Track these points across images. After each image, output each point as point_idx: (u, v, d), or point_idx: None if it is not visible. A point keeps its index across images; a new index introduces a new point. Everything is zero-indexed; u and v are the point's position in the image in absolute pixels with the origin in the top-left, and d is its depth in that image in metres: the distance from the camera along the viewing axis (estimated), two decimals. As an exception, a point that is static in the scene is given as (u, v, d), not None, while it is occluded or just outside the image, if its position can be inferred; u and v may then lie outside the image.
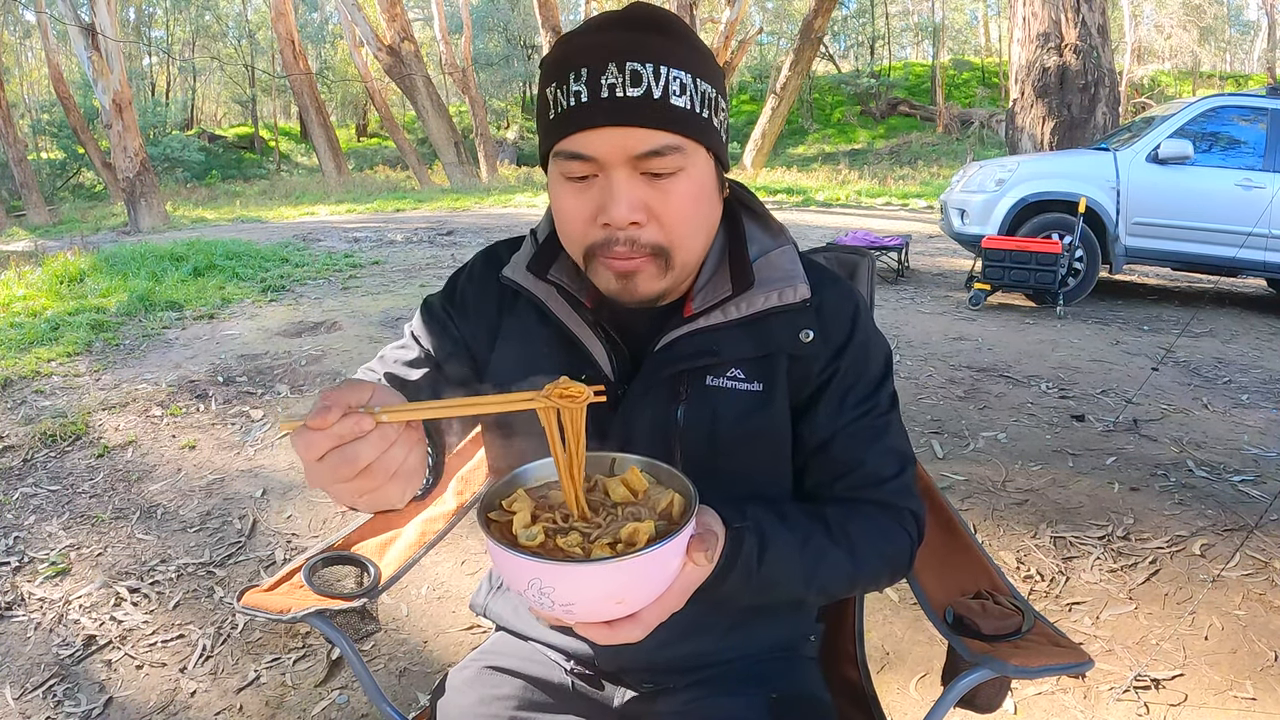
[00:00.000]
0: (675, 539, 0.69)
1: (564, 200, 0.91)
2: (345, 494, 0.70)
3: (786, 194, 14.60)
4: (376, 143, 32.94)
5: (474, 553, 2.75)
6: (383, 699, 1.15)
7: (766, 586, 0.87)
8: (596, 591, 0.68)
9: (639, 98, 0.84)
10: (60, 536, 2.93)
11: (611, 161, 0.86)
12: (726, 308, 0.96)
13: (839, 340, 0.98)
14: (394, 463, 0.70)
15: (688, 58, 0.87)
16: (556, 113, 0.87)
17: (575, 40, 0.88)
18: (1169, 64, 29.45)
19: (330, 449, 0.67)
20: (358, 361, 4.63)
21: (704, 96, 0.88)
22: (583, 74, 0.84)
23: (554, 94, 0.87)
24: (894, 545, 0.96)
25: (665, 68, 0.84)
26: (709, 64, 0.90)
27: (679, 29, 0.89)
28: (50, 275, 7.10)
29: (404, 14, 19.18)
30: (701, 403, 0.97)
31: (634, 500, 0.78)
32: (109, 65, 12.34)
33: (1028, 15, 9.96)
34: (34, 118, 27.74)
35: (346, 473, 0.67)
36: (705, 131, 0.89)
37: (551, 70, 0.88)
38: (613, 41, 0.85)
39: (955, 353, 4.99)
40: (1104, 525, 2.87)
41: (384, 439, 0.68)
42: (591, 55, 0.85)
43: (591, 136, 0.85)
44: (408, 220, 11.91)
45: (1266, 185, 6.25)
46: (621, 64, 0.83)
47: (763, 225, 1.03)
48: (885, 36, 35.11)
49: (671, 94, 0.85)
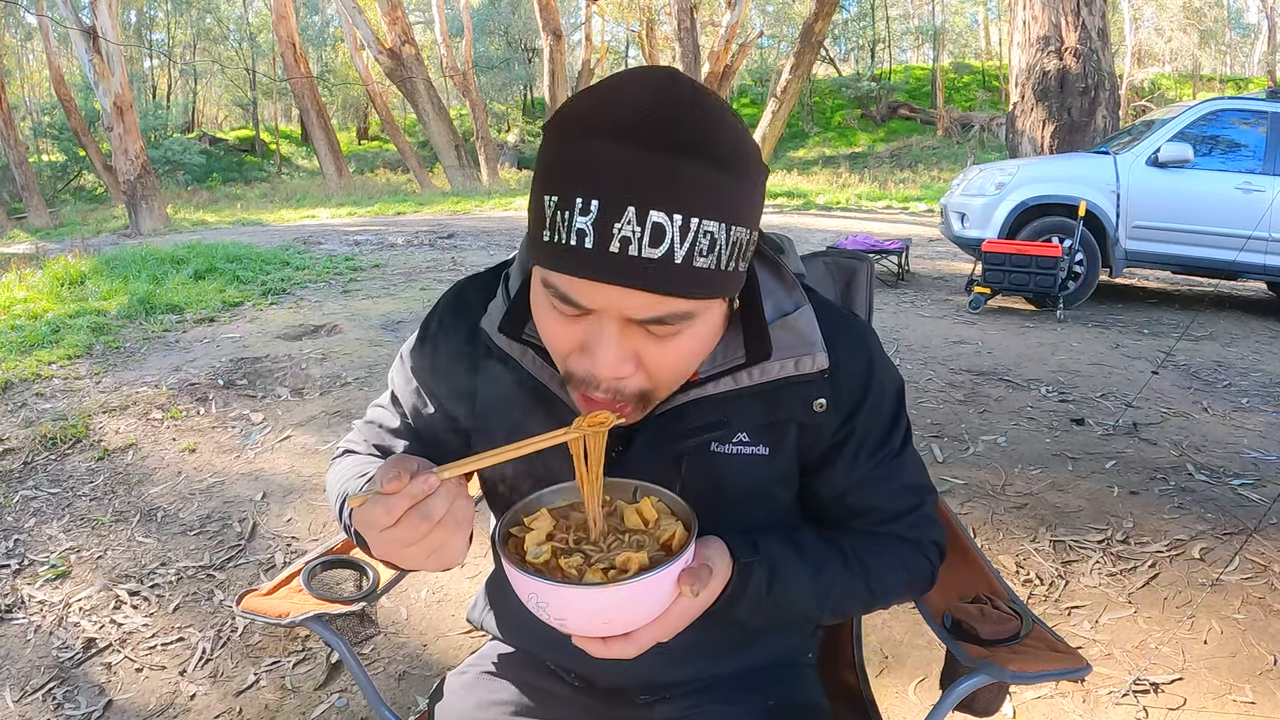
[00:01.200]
0: (662, 571, 0.73)
1: (547, 323, 0.80)
2: (418, 554, 0.72)
3: (787, 197, 14.62)
4: (377, 146, 32.99)
5: (473, 556, 2.75)
6: (381, 703, 1.16)
7: (778, 612, 0.88)
8: (584, 611, 0.74)
9: (657, 260, 0.68)
10: (60, 539, 2.93)
11: (608, 313, 0.74)
12: (739, 375, 0.89)
13: (853, 402, 0.93)
14: (461, 513, 0.73)
15: (729, 196, 0.70)
16: (551, 239, 0.71)
17: (591, 142, 0.69)
18: (1169, 67, 29.50)
19: (406, 510, 0.69)
20: (358, 365, 4.64)
21: (735, 247, 0.73)
22: (591, 208, 0.68)
23: (551, 212, 0.70)
24: (911, 572, 0.97)
25: (696, 220, 0.68)
26: (750, 196, 0.74)
27: (727, 147, 0.70)
28: (51, 278, 7.11)
29: (405, 17, 19.21)
30: (705, 468, 0.92)
31: (643, 529, 0.82)
32: (110, 68, 12.35)
33: (1028, 19, 9.97)
34: (35, 120, 27.78)
35: (424, 529, 0.70)
36: (729, 285, 0.76)
37: (553, 173, 0.71)
38: (636, 169, 0.67)
39: (955, 356, 4.99)
40: (1103, 529, 2.87)
41: (449, 493, 0.71)
42: (607, 183, 0.68)
43: (589, 287, 0.71)
44: (408, 223, 11.92)
45: (1266, 189, 6.25)
46: (643, 212, 0.67)
47: (777, 276, 0.93)
48: (885, 40, 35.16)
49: (697, 254, 0.70)
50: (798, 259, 1.04)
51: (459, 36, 25.03)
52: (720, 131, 0.70)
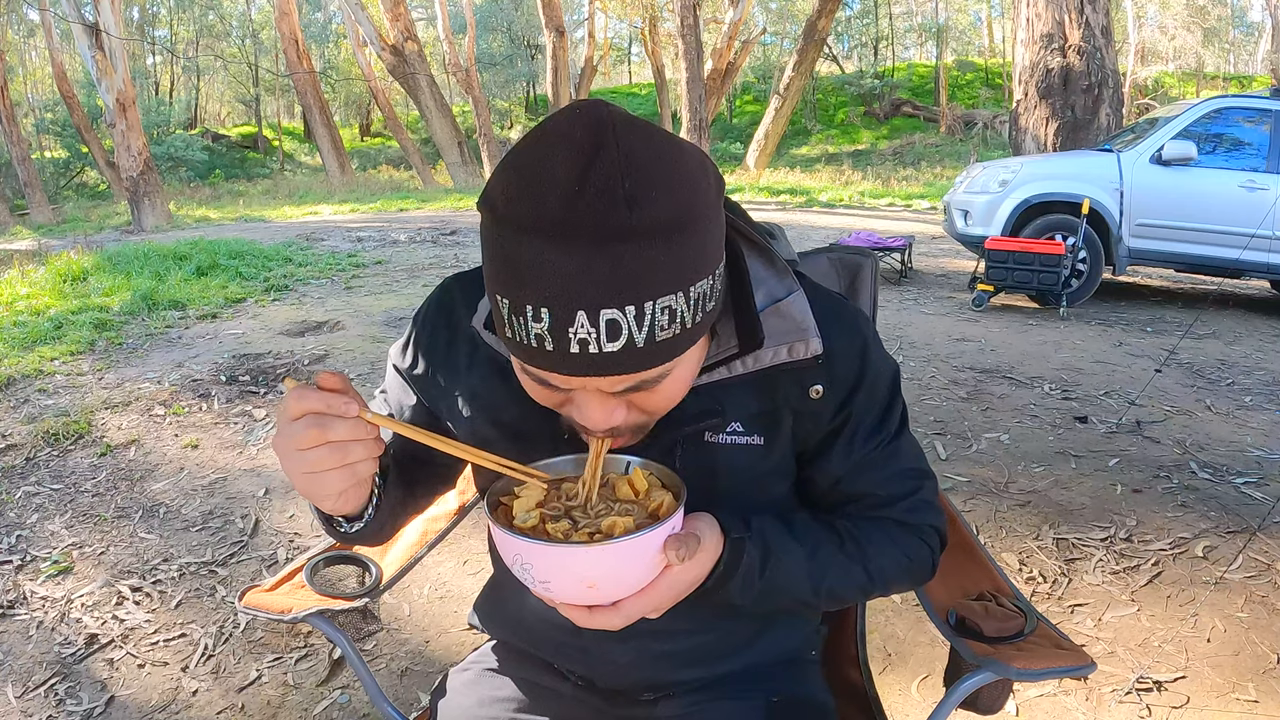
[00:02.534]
0: (646, 534, 0.73)
1: (529, 388, 0.80)
2: (296, 464, 0.74)
3: (790, 194, 14.61)
4: (380, 142, 33.00)
5: (476, 553, 2.75)
6: (384, 699, 1.16)
7: (771, 593, 0.87)
8: (568, 573, 0.74)
9: (618, 352, 0.67)
10: (62, 535, 2.93)
11: (585, 390, 0.74)
12: (732, 364, 0.88)
13: (848, 387, 0.91)
14: (351, 455, 0.74)
15: (677, 261, 0.67)
16: (513, 338, 0.69)
17: (527, 247, 0.65)
18: (1173, 65, 29.43)
19: (313, 412, 0.72)
20: (361, 361, 4.64)
21: (699, 301, 0.70)
22: (543, 316, 0.65)
23: (507, 314, 0.68)
24: (910, 556, 0.96)
25: (650, 303, 0.66)
26: (702, 237, 0.69)
27: (665, 211, 0.65)
28: (54, 274, 7.12)
29: (407, 14, 19.21)
30: (699, 459, 0.91)
31: (633, 499, 0.82)
32: (113, 64, 12.36)
33: (1031, 16, 9.95)
34: (38, 116, 27.83)
35: (314, 439, 0.72)
36: (700, 331, 0.73)
37: (499, 274, 0.68)
38: (580, 276, 0.64)
39: (958, 354, 4.98)
40: (1106, 527, 2.87)
41: (356, 430, 0.73)
42: (551, 291, 0.64)
43: (559, 378, 0.72)
44: (411, 220, 11.92)
45: (1270, 187, 6.23)
46: (594, 315, 0.64)
47: (767, 262, 0.91)
48: (889, 37, 35.11)
49: (658, 330, 0.67)
50: (789, 246, 1.02)
51: (462, 33, 24.98)
52: (659, 195, 0.65)
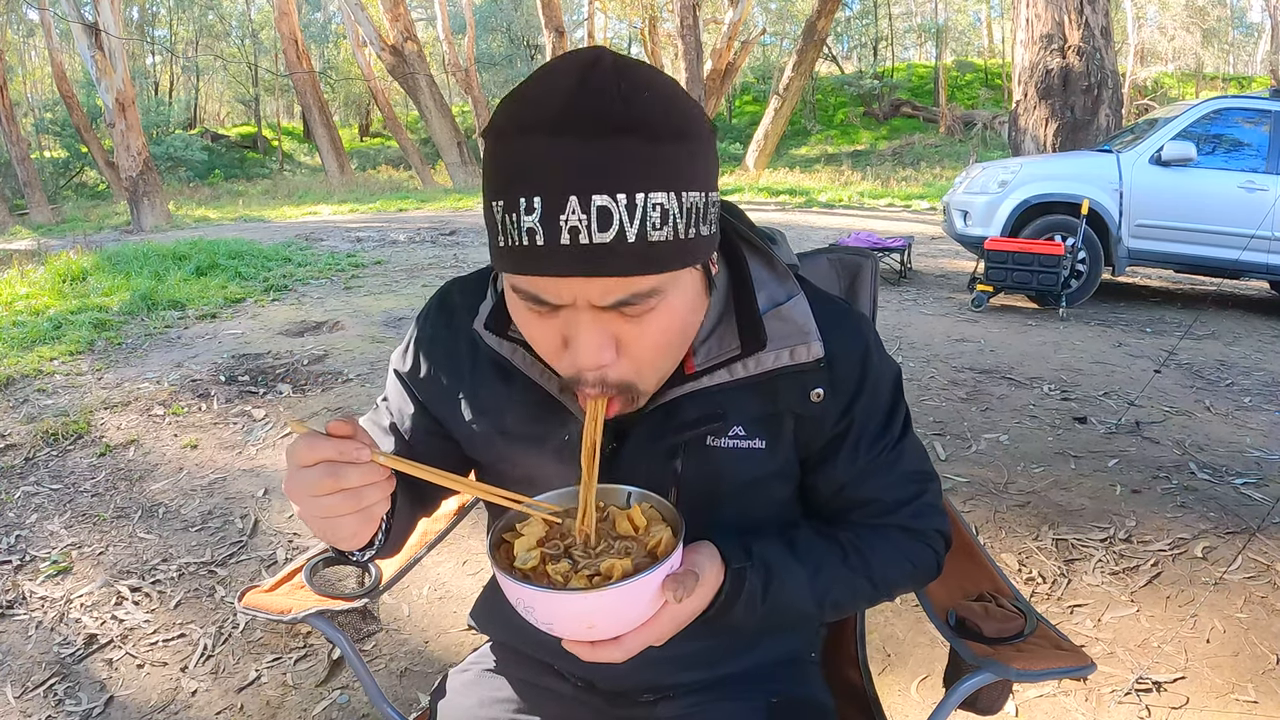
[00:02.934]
0: (644, 577, 0.74)
1: (528, 327, 0.80)
2: (312, 509, 0.73)
3: (789, 195, 14.61)
4: (379, 142, 32.98)
5: (475, 553, 2.75)
6: (383, 700, 1.15)
7: (776, 614, 0.88)
8: (568, 616, 0.75)
9: (609, 244, 0.67)
10: (62, 535, 2.93)
11: (576, 306, 0.73)
12: (734, 367, 0.88)
13: (850, 391, 0.91)
14: (366, 500, 0.74)
15: (671, 165, 0.69)
16: (507, 244, 0.70)
17: (524, 140, 0.68)
18: (1172, 66, 29.43)
19: (325, 460, 0.71)
20: (360, 361, 4.64)
21: (690, 212, 0.71)
22: (535, 205, 0.67)
23: (501, 217, 0.70)
24: (918, 565, 0.96)
25: (642, 195, 0.67)
26: (696, 155, 0.72)
27: (660, 116, 0.69)
28: (53, 274, 7.12)
29: (407, 14, 19.20)
30: (701, 463, 0.90)
31: (633, 535, 0.82)
32: (112, 64, 12.36)
33: (1030, 17, 9.95)
34: (37, 116, 27.80)
35: (328, 487, 0.71)
36: (693, 253, 0.74)
37: (495, 179, 0.71)
38: (571, 160, 0.66)
39: (957, 354, 4.98)
40: (1106, 528, 2.87)
41: (369, 474, 0.73)
42: (545, 180, 0.67)
43: (551, 283, 0.72)
44: (410, 220, 11.92)
45: (1269, 188, 6.24)
46: (585, 200, 0.66)
47: (769, 266, 0.92)
48: (888, 38, 35.13)
49: (650, 229, 0.68)
50: (790, 251, 1.03)
51: (461, 33, 25.00)
52: (652, 103, 0.69)
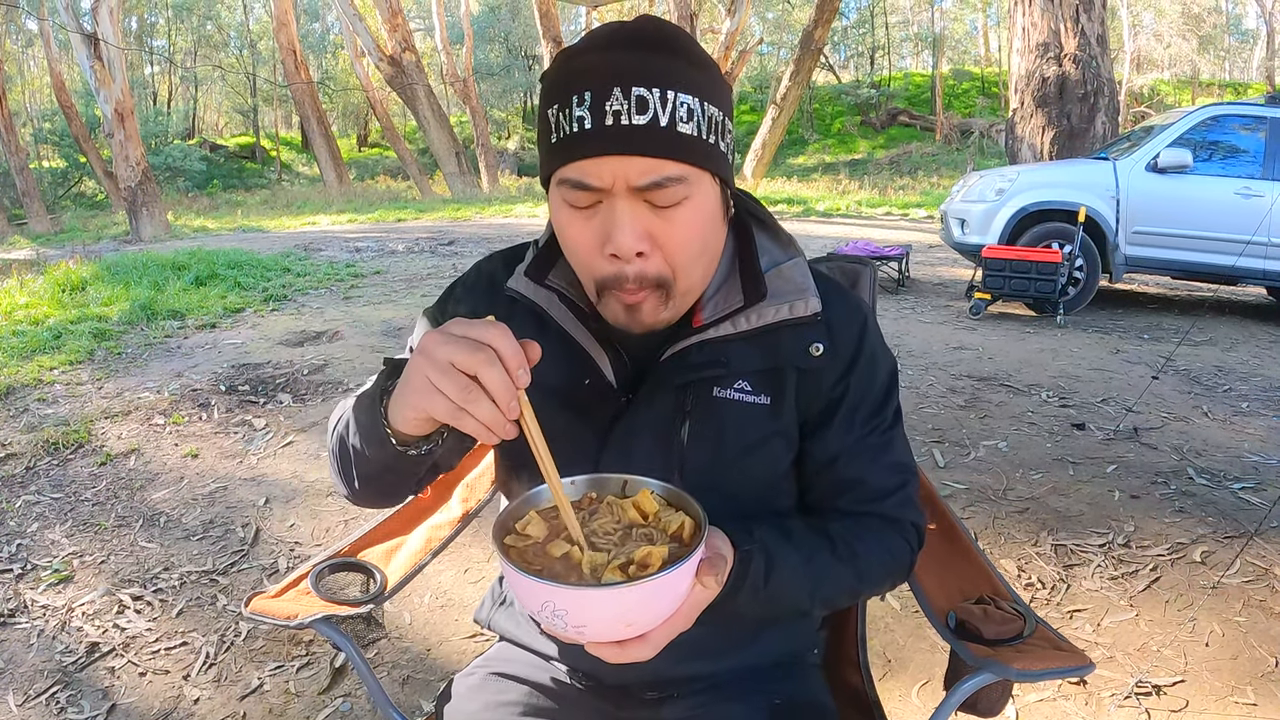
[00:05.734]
0: (686, 563, 0.70)
1: (569, 229, 0.88)
2: (430, 370, 0.72)
3: (787, 204, 14.63)
4: (378, 153, 33.04)
5: (476, 561, 2.76)
6: (389, 705, 1.16)
7: (773, 602, 0.89)
8: (607, 614, 0.70)
9: (645, 125, 0.80)
10: (63, 544, 2.94)
11: (615, 190, 0.83)
12: (737, 319, 0.95)
13: (848, 355, 0.98)
14: (475, 406, 0.70)
15: (696, 80, 0.84)
16: (559, 137, 0.83)
17: (577, 59, 0.84)
18: (1168, 73, 29.51)
19: (496, 349, 0.70)
20: (360, 371, 4.65)
21: (711, 121, 0.85)
22: (585, 98, 0.81)
23: (555, 117, 0.84)
24: (895, 557, 0.99)
25: (673, 92, 0.81)
26: (717, 86, 0.87)
27: (687, 48, 0.85)
28: (52, 284, 7.13)
29: (405, 24, 19.25)
30: (707, 414, 0.96)
31: (644, 523, 0.80)
32: (111, 74, 12.38)
33: (1027, 25, 9.99)
34: (36, 126, 27.85)
35: (472, 365, 0.69)
36: (711, 158, 0.86)
37: (553, 91, 0.85)
38: (617, 63, 0.81)
39: (956, 362, 5.00)
40: (1105, 533, 2.88)
41: (503, 392, 0.70)
42: (595, 78, 0.81)
43: (595, 165, 0.82)
44: (409, 230, 11.94)
45: (1265, 193, 6.26)
46: (627, 89, 0.80)
47: (772, 236, 1.02)
48: (885, 47, 35.22)
49: (678, 120, 0.82)
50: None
51: (459, 44, 25.08)
52: (683, 39, 0.85)
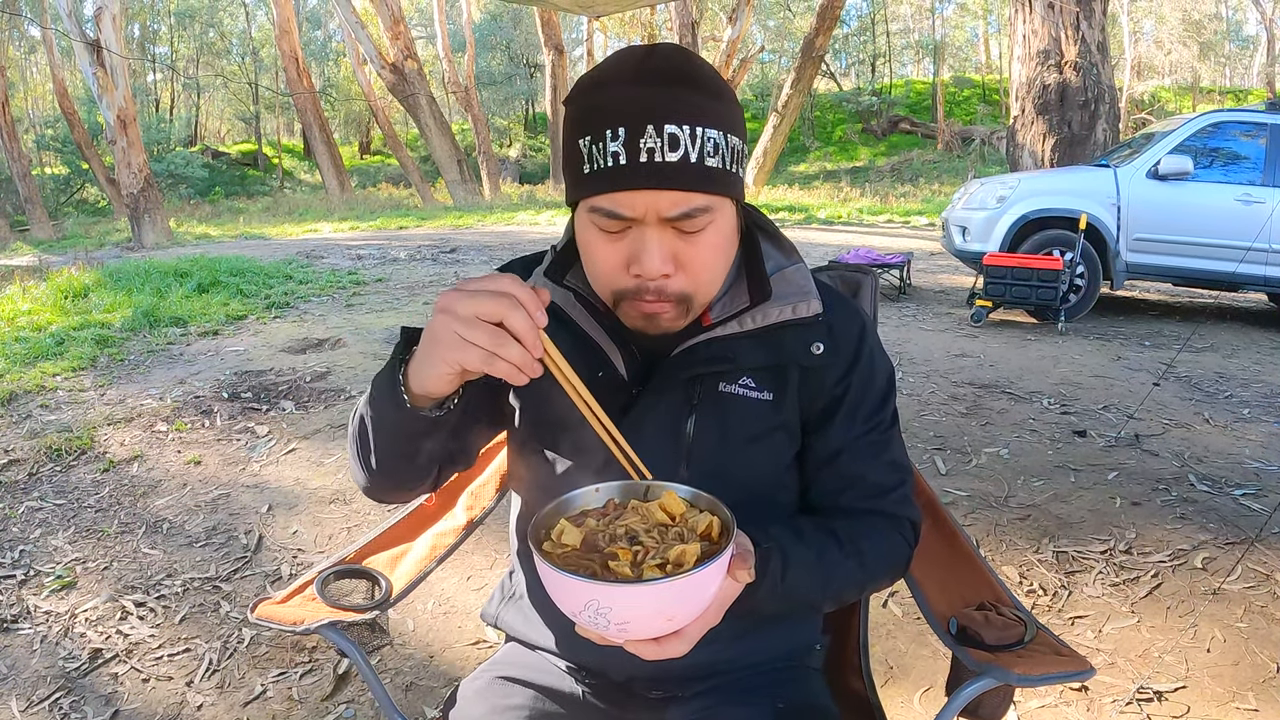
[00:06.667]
0: (721, 558, 0.74)
1: (596, 249, 0.93)
2: (454, 322, 0.77)
3: (788, 212, 14.65)
4: (379, 160, 33.09)
5: (480, 569, 2.77)
6: (394, 710, 1.17)
7: (789, 597, 0.93)
8: (650, 609, 0.73)
9: (677, 162, 0.85)
10: (66, 550, 2.94)
11: (647, 220, 0.88)
12: (743, 319, 1.00)
13: (849, 356, 1.03)
14: (503, 349, 0.77)
15: (720, 113, 0.88)
16: (592, 169, 0.87)
17: (609, 91, 0.88)
18: (1169, 79, 29.58)
19: (507, 294, 0.77)
20: (362, 378, 4.66)
21: (734, 151, 0.90)
22: (620, 134, 0.85)
23: (588, 149, 0.87)
24: (895, 553, 1.03)
25: (700, 128, 0.86)
26: (735, 115, 0.92)
27: (710, 80, 0.90)
28: (55, 290, 7.13)
29: (407, 32, 19.30)
30: (713, 408, 1.01)
31: (672, 523, 0.82)
32: (113, 81, 12.41)
33: (1028, 33, 10.03)
34: (38, 133, 27.91)
35: (495, 313, 0.76)
36: (733, 185, 0.91)
37: (584, 121, 0.88)
38: (650, 100, 0.85)
39: (957, 369, 5.00)
40: (1106, 539, 2.88)
41: (528, 333, 0.77)
42: (628, 114, 0.85)
43: (628, 197, 0.87)
44: (411, 238, 11.95)
45: (1266, 200, 6.27)
46: (660, 127, 0.84)
47: (776, 243, 1.08)
48: (886, 54, 35.31)
49: (706, 155, 0.86)
50: None
51: (461, 51, 25.15)
52: (704, 71, 0.90)
